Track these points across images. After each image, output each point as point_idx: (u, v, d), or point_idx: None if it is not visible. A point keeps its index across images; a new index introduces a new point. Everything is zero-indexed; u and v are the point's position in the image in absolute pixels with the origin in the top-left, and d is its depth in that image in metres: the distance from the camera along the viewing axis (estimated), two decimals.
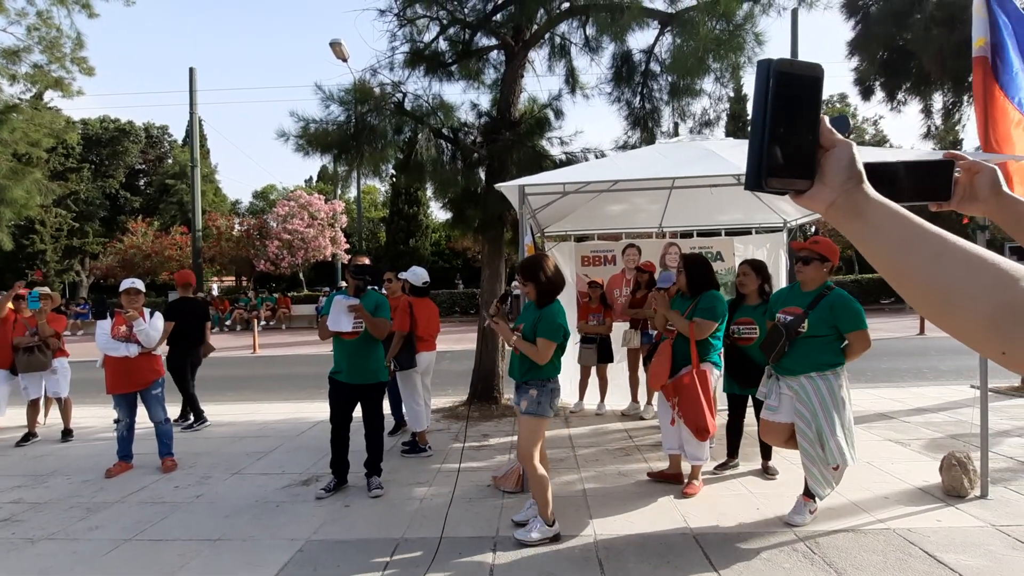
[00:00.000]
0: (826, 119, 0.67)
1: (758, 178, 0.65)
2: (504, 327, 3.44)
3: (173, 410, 5.44)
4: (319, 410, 5.90)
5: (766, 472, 4.30)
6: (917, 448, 4.88)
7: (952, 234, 0.61)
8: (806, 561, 3.02)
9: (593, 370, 6.54)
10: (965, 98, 8.80)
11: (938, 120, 9.83)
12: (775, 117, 0.64)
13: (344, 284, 4.42)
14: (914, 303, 0.62)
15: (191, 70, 22.77)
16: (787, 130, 0.64)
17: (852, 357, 3.41)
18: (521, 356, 3.37)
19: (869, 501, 3.77)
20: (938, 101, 9.29)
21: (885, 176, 0.81)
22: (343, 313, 4.15)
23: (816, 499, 3.53)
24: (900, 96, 9.23)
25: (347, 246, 25.59)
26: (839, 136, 0.67)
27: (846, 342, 3.42)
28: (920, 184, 0.85)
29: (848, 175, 0.65)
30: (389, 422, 5.67)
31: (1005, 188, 0.90)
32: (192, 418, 6.45)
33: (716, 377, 4.13)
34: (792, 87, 0.64)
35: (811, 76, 0.65)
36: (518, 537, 3.32)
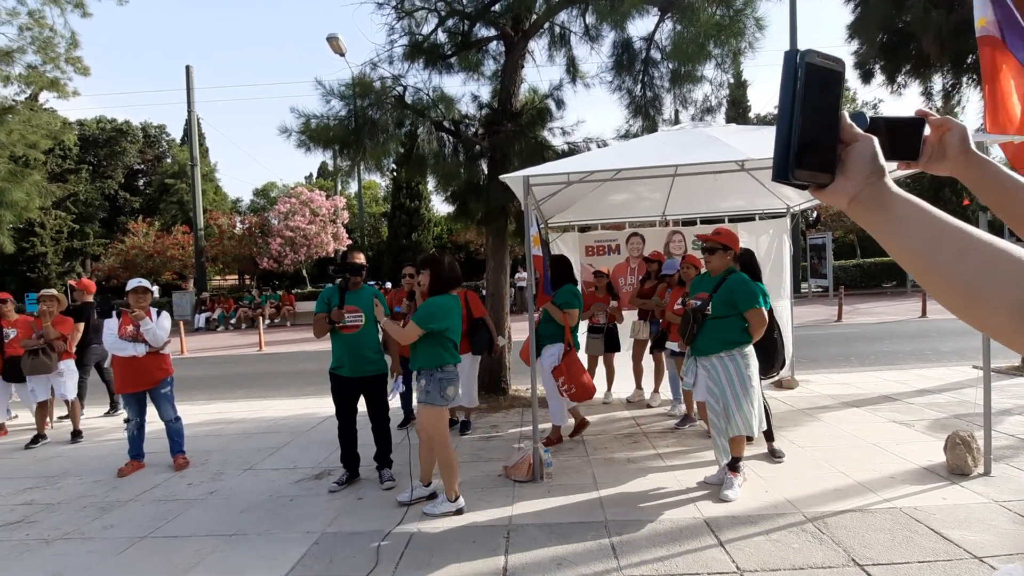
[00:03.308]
0: (846, 114, 0.67)
1: (785, 169, 0.64)
2: (380, 309, 3.81)
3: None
4: (327, 405, 5.92)
5: (773, 455, 4.34)
6: (921, 428, 4.92)
7: (976, 228, 0.61)
8: (815, 541, 3.06)
9: (600, 359, 6.57)
10: (964, 80, 8.76)
11: (938, 102, 9.78)
12: (804, 109, 0.63)
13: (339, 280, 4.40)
14: (939, 297, 0.62)
15: (188, 68, 22.73)
16: (812, 123, 0.64)
17: (754, 334, 3.71)
18: (412, 347, 3.68)
19: (875, 481, 3.81)
20: (938, 83, 9.25)
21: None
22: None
23: (741, 474, 3.75)
24: (900, 79, 9.18)
25: (349, 242, 25.59)
26: (860, 131, 0.68)
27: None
28: (888, 142, 0.82)
29: (872, 169, 0.66)
30: (397, 415, 5.72)
31: (973, 147, 0.89)
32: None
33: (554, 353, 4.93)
34: (818, 80, 0.64)
35: (834, 71, 0.65)
36: (425, 511, 3.66)
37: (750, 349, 3.74)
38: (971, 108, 13.94)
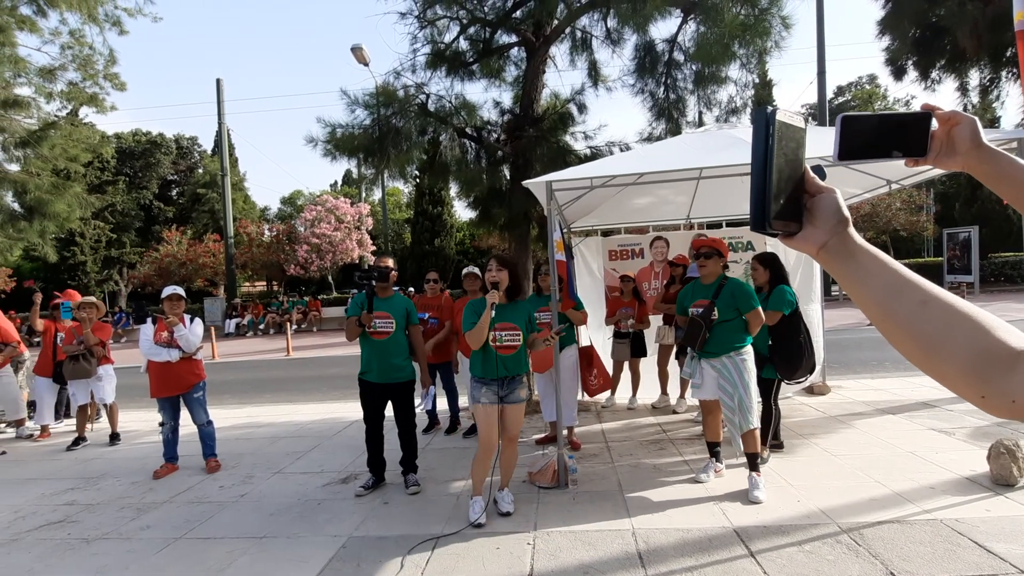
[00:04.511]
0: (809, 168, 0.70)
1: (763, 220, 0.67)
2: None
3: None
4: (353, 410, 6.03)
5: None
6: (962, 437, 4.74)
7: (931, 282, 0.64)
8: (851, 553, 2.97)
9: (626, 364, 6.51)
10: (1003, 74, 8.46)
11: (975, 98, 9.48)
12: (777, 161, 0.67)
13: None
14: (897, 345, 0.65)
15: (218, 81, 23.40)
16: (783, 175, 0.68)
17: (752, 332, 3.93)
18: (522, 351, 3.69)
19: (914, 491, 3.68)
20: (974, 78, 8.96)
21: (859, 129, 0.79)
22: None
23: (761, 473, 3.87)
24: (934, 74, 8.92)
25: (373, 248, 25.94)
26: (823, 183, 0.70)
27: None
28: (895, 138, 0.82)
29: (838, 219, 0.68)
30: (423, 420, 5.76)
31: (984, 140, 0.84)
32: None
33: None
34: (786, 135, 0.68)
35: (799, 128, 0.69)
36: (504, 511, 3.72)
37: (749, 348, 3.96)
38: (1011, 104, 13.45)
